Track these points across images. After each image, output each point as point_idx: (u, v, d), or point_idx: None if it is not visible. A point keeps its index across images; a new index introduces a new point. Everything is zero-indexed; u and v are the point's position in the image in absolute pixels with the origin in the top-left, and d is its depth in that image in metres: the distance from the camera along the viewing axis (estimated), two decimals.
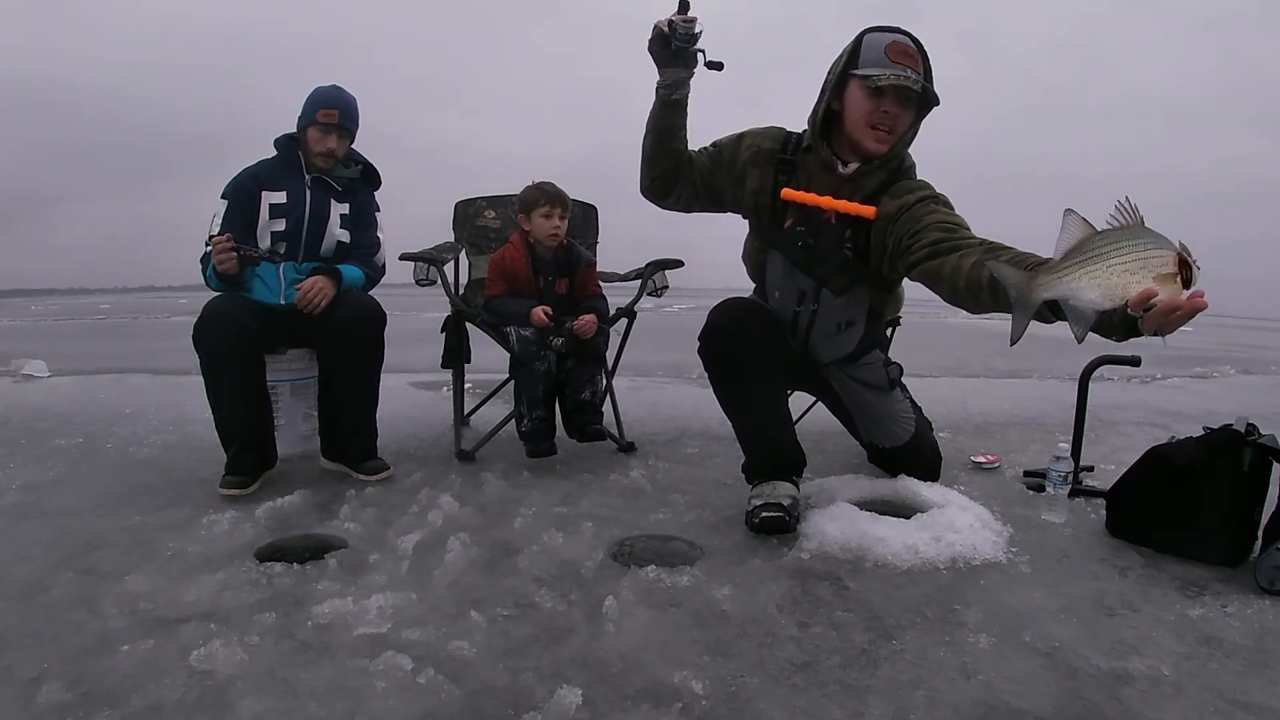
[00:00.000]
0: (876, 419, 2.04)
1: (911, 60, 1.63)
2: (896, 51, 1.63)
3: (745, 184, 1.83)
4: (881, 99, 1.64)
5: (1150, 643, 1.30)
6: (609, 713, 1.08)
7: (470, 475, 2.21)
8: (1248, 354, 8.65)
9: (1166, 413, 3.63)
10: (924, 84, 1.63)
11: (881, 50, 1.63)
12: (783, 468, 1.81)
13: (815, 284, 1.80)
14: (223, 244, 1.97)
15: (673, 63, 1.72)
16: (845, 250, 1.75)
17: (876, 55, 1.63)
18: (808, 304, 1.83)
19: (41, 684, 1.10)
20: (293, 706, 1.08)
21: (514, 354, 2.27)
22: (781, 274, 1.85)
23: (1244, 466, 1.64)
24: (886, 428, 2.04)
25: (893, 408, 2.03)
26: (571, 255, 2.44)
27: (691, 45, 1.69)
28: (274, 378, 2.22)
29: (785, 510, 1.70)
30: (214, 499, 1.94)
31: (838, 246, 1.74)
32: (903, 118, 1.68)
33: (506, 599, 1.42)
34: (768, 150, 1.81)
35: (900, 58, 1.62)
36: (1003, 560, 1.64)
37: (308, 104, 2.16)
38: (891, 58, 1.62)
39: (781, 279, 1.85)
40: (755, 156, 1.82)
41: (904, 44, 1.64)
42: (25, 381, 3.92)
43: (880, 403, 2.02)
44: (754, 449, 1.84)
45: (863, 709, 1.09)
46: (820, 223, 1.74)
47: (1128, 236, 1.09)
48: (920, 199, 1.66)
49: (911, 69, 1.63)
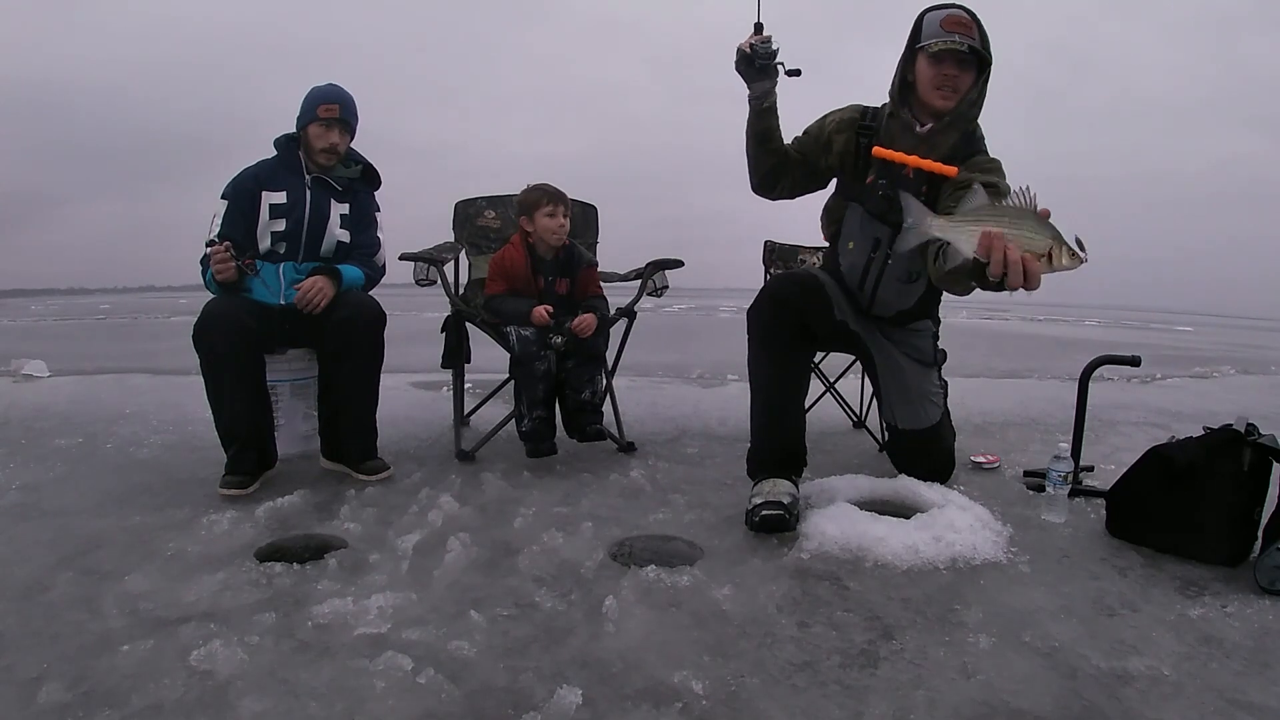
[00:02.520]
0: (906, 393, 2.07)
1: (964, 28, 1.82)
2: (950, 22, 1.83)
3: (833, 148, 2.01)
4: (941, 64, 1.83)
5: (1150, 643, 1.30)
6: (609, 713, 1.08)
7: (470, 475, 2.21)
8: (1248, 354, 8.65)
9: (1166, 413, 3.63)
10: (971, 44, 1.80)
11: (937, 24, 1.84)
12: (785, 463, 1.87)
13: (891, 231, 1.91)
14: (221, 254, 1.97)
15: (758, 78, 1.94)
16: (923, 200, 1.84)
17: (934, 29, 1.84)
18: (882, 250, 1.97)
19: (41, 684, 1.10)
20: (293, 706, 1.08)
21: (514, 354, 2.27)
22: (858, 225, 2.00)
23: (1244, 466, 1.64)
24: (914, 405, 2.07)
25: (925, 386, 2.08)
26: (572, 255, 2.44)
27: (772, 60, 1.92)
28: (274, 378, 2.22)
29: (785, 509, 1.73)
30: (214, 499, 1.94)
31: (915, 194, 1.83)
32: (962, 78, 1.85)
33: (506, 599, 1.42)
34: (849, 119, 2.01)
35: (954, 27, 1.82)
36: (1003, 560, 1.64)
37: (307, 102, 2.17)
38: (946, 28, 1.82)
39: (858, 230, 2.01)
40: (839, 125, 2.01)
41: (957, 15, 1.84)
42: (25, 381, 3.92)
43: (916, 376, 2.08)
44: (763, 434, 1.92)
45: (863, 709, 1.09)
46: (900, 176, 1.90)
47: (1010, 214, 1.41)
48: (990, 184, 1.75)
49: (964, 35, 1.81)
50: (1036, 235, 1.38)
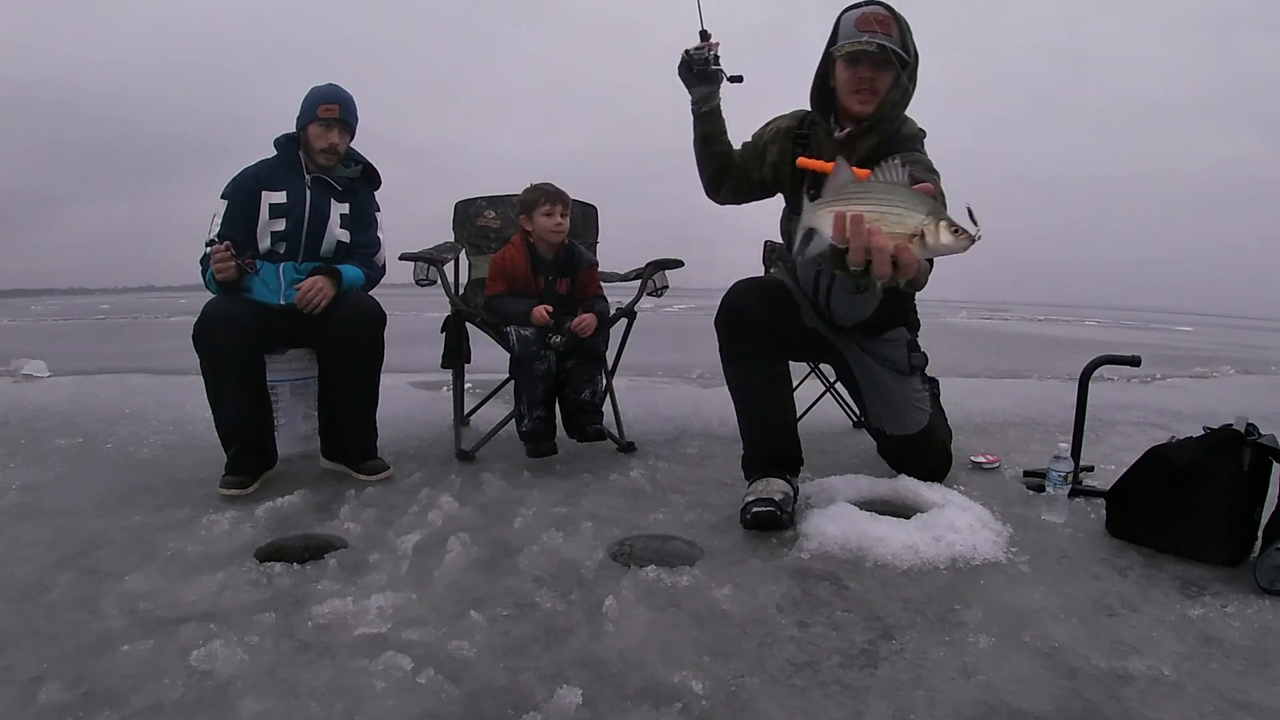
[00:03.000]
0: (888, 401, 2.03)
1: (880, 25, 1.74)
2: (865, 21, 1.76)
3: (766, 159, 1.99)
4: (857, 66, 1.76)
5: (1150, 643, 1.30)
6: (609, 713, 1.08)
7: (470, 475, 2.21)
8: (1248, 354, 8.65)
9: (1166, 413, 3.63)
10: (881, 43, 1.73)
11: (852, 24, 1.77)
12: (778, 463, 1.88)
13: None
14: (221, 253, 1.97)
15: (697, 83, 1.97)
16: None
17: (849, 29, 1.77)
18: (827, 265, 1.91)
19: (41, 684, 1.10)
20: (293, 706, 1.08)
21: (514, 354, 2.27)
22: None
23: (1244, 466, 1.64)
24: (897, 413, 2.03)
25: (907, 393, 2.03)
26: (572, 255, 2.45)
27: (710, 66, 1.94)
28: (274, 378, 2.22)
29: (777, 505, 1.74)
30: (214, 499, 1.94)
31: None
32: (880, 78, 1.77)
33: (506, 599, 1.42)
34: (786, 127, 1.98)
35: (869, 25, 1.75)
36: (1003, 560, 1.64)
37: (306, 102, 2.17)
38: (860, 28, 1.75)
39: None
40: (775, 135, 1.99)
41: (873, 13, 1.76)
42: (25, 381, 3.92)
43: (895, 385, 2.02)
44: (752, 441, 1.92)
45: (863, 709, 1.09)
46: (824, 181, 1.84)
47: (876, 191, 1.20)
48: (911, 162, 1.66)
49: (880, 33, 1.74)
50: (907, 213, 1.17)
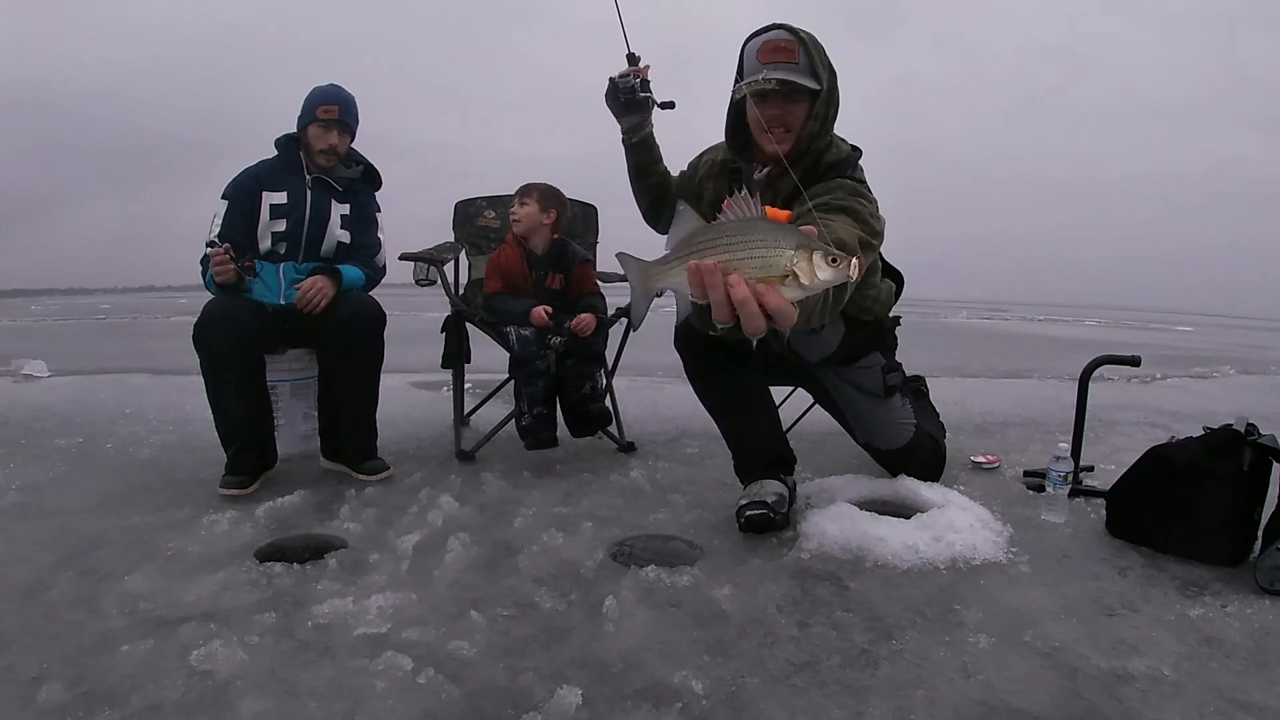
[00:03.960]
0: (871, 423, 2.00)
1: (784, 54, 1.59)
2: (767, 51, 1.60)
3: (704, 198, 1.82)
4: (765, 103, 1.60)
5: (1150, 643, 1.30)
6: (609, 713, 1.08)
7: (470, 475, 2.21)
8: (1248, 354, 8.65)
9: (1166, 413, 3.63)
10: (782, 78, 1.56)
11: (754, 56, 1.61)
12: (769, 465, 1.86)
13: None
14: (221, 256, 1.97)
15: (625, 112, 1.82)
16: None
17: (751, 62, 1.62)
18: None
19: (41, 684, 1.10)
20: (293, 706, 1.08)
21: (514, 353, 2.28)
22: None
23: (1244, 466, 1.64)
24: (881, 432, 2.00)
25: (888, 415, 1.97)
26: (565, 251, 2.46)
27: (638, 94, 1.79)
28: (274, 378, 2.22)
29: (770, 508, 1.73)
30: (214, 499, 1.94)
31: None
32: (792, 112, 1.61)
33: (506, 599, 1.42)
34: (721, 161, 1.82)
35: (772, 55, 1.59)
36: (1003, 560, 1.64)
37: (307, 102, 2.17)
38: (763, 60, 1.60)
39: None
40: (710, 169, 1.84)
41: (774, 40, 1.60)
42: (25, 381, 3.92)
43: (874, 408, 1.96)
44: (739, 449, 1.91)
45: (863, 709, 1.09)
46: None
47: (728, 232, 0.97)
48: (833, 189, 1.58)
49: (784, 62, 1.59)
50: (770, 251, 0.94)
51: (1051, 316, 19.65)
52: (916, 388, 2.13)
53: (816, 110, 1.62)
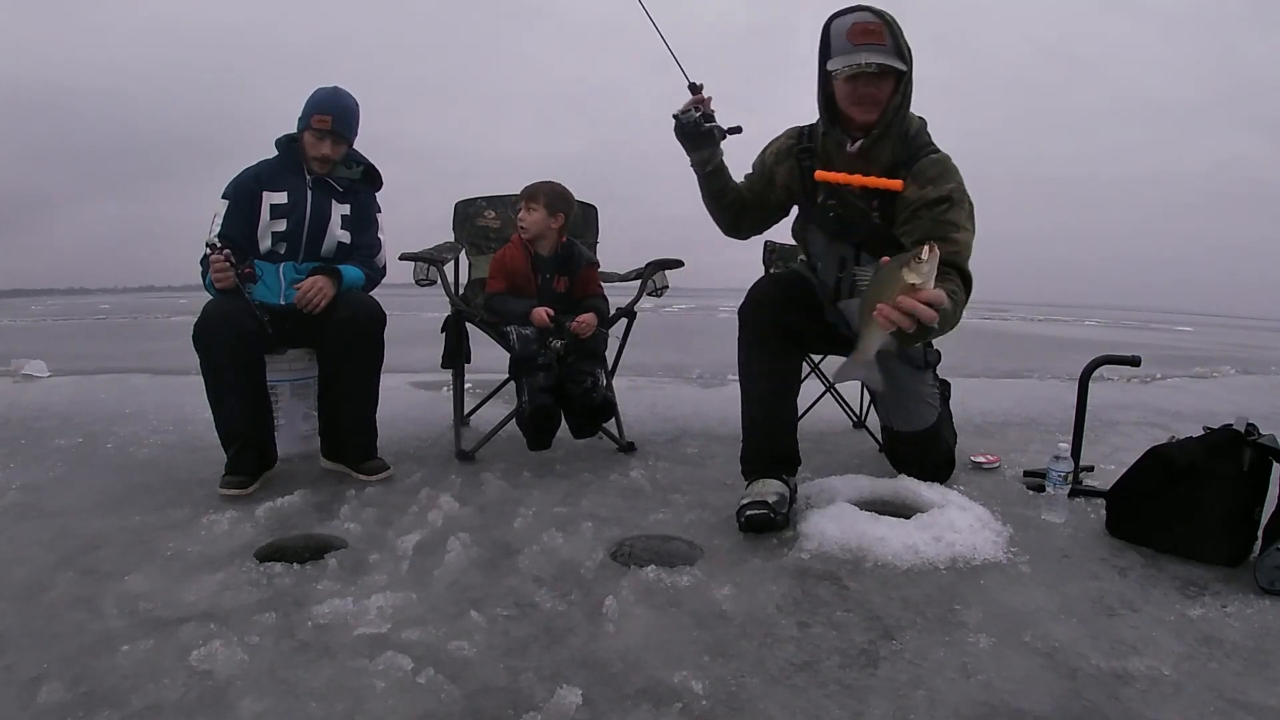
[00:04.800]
0: (901, 396, 2.04)
1: (873, 35, 1.70)
2: (857, 33, 1.70)
3: (776, 181, 1.98)
4: (855, 82, 1.74)
5: (1150, 643, 1.30)
6: (609, 713, 1.08)
7: (470, 475, 2.21)
8: (1248, 354, 8.65)
9: (1166, 413, 3.63)
10: (879, 62, 1.69)
11: (844, 36, 1.71)
12: (775, 462, 1.90)
13: (854, 250, 1.90)
14: (221, 263, 1.97)
15: (696, 146, 1.91)
16: (873, 217, 1.85)
17: (841, 42, 1.72)
18: (849, 270, 1.92)
19: (41, 684, 1.10)
20: (293, 706, 1.08)
21: (514, 353, 2.27)
22: (822, 246, 1.97)
23: (1244, 466, 1.64)
24: (909, 407, 2.05)
25: (920, 387, 2.04)
26: (571, 253, 2.45)
27: (702, 128, 1.86)
28: (274, 378, 2.22)
29: (770, 508, 1.75)
30: (214, 499, 1.94)
31: (864, 214, 1.86)
32: (880, 89, 1.75)
33: (506, 599, 1.42)
34: (787, 147, 1.97)
35: (861, 38, 1.70)
36: (1003, 560, 1.64)
37: (306, 106, 2.16)
38: (854, 41, 1.70)
39: (823, 250, 1.98)
40: (778, 155, 1.98)
41: (863, 23, 1.70)
42: (25, 381, 3.92)
43: (908, 379, 2.02)
44: (750, 436, 1.95)
45: (863, 709, 1.09)
46: (845, 194, 1.86)
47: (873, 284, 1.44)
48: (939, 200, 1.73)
49: (875, 44, 1.70)
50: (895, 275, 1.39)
51: (1051, 316, 19.66)
52: (944, 393, 2.19)
53: (902, 86, 1.76)
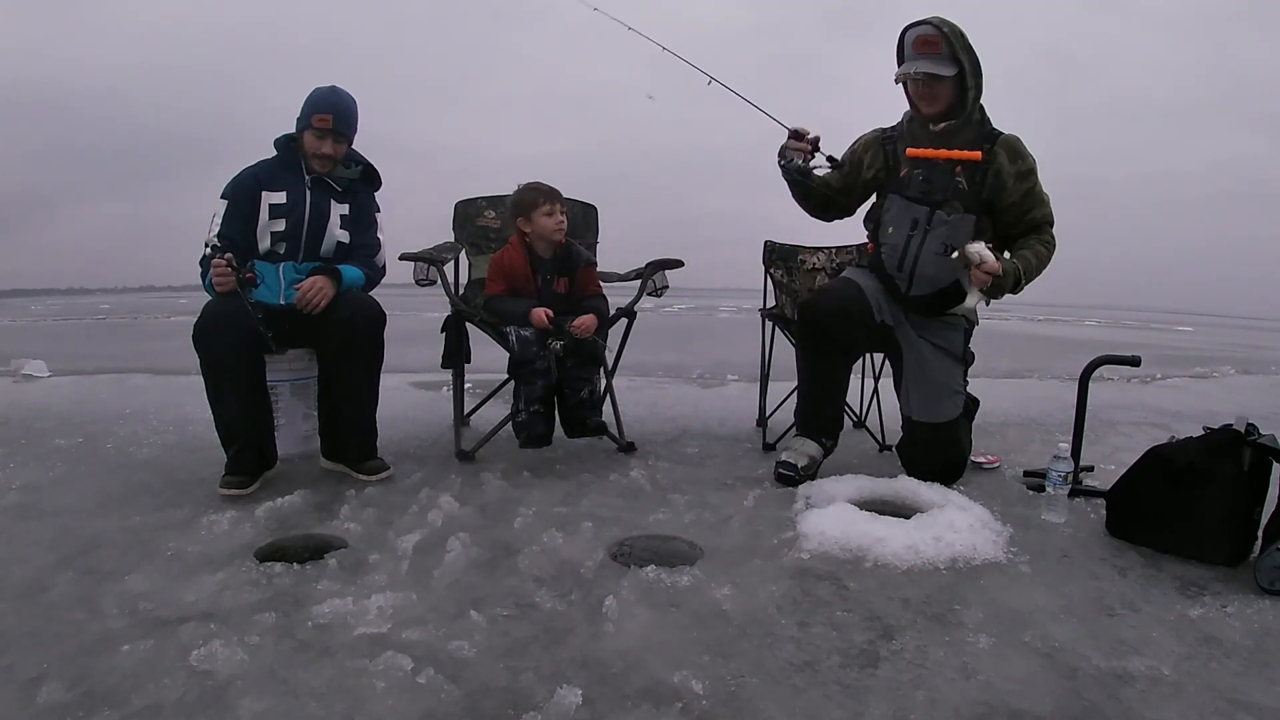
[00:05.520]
0: (931, 384, 2.14)
1: (931, 46, 2.01)
2: (919, 44, 2.02)
3: (865, 164, 2.24)
4: (917, 84, 2.07)
5: (1150, 643, 1.30)
6: (609, 713, 1.08)
7: (470, 475, 2.21)
8: (1248, 354, 8.65)
9: (1166, 413, 3.63)
10: (926, 71, 2.01)
11: (911, 46, 2.03)
12: (817, 429, 2.23)
13: (929, 210, 2.12)
14: (222, 267, 1.97)
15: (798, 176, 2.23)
16: (957, 180, 2.11)
17: (908, 51, 2.05)
18: (920, 229, 2.13)
19: (41, 684, 1.10)
20: (293, 706, 1.08)
21: (514, 354, 2.27)
22: (898, 210, 2.18)
23: (1244, 466, 1.64)
24: (934, 397, 2.14)
25: (949, 379, 2.17)
26: (570, 254, 2.44)
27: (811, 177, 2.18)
28: (274, 378, 2.21)
29: (797, 471, 2.12)
30: (214, 499, 1.94)
31: (950, 176, 2.11)
32: (939, 89, 2.05)
33: (506, 599, 1.42)
34: (874, 138, 2.25)
35: (922, 48, 2.02)
36: (1003, 560, 1.64)
37: (306, 106, 2.16)
38: (916, 50, 2.02)
39: (898, 215, 2.18)
40: (866, 145, 2.25)
41: (924, 35, 2.01)
42: (25, 381, 3.92)
43: (942, 367, 2.16)
44: (803, 406, 2.28)
45: (863, 709, 1.09)
46: (932, 163, 2.12)
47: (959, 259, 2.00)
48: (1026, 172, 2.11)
49: (931, 54, 2.01)
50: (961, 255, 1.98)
51: (1051, 316, 19.66)
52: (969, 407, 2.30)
53: (967, 81, 2.04)
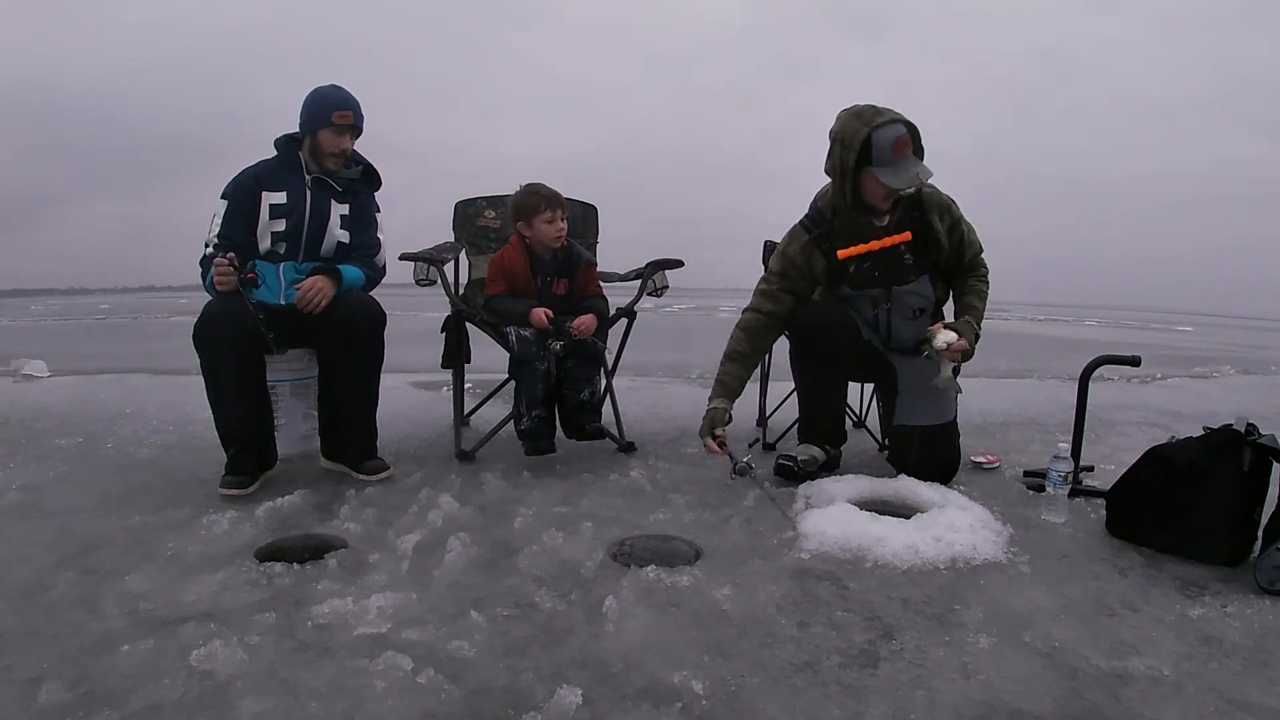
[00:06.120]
0: (931, 390, 2.14)
1: (910, 147, 1.97)
2: (900, 146, 1.95)
3: (811, 267, 2.19)
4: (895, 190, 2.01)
5: (1150, 643, 1.30)
6: (609, 713, 1.08)
7: (470, 475, 2.21)
8: (1248, 354, 8.65)
9: (1166, 413, 3.63)
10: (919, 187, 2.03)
11: (889, 149, 1.95)
12: (818, 435, 2.30)
13: (883, 290, 2.18)
14: (224, 266, 1.97)
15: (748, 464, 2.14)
16: (905, 258, 2.16)
17: (886, 154, 1.95)
18: (882, 304, 2.21)
19: (41, 684, 1.10)
20: (293, 706, 1.08)
21: (514, 354, 2.27)
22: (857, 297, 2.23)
23: (1244, 466, 1.64)
24: (933, 400, 2.16)
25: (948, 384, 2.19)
26: (571, 255, 2.44)
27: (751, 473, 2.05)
28: (274, 378, 2.22)
29: (797, 463, 2.18)
30: (214, 499, 1.94)
31: (898, 258, 2.15)
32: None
33: (506, 599, 1.42)
34: (806, 241, 2.19)
35: (903, 149, 1.96)
36: (1003, 560, 1.64)
37: (318, 105, 2.14)
38: (897, 154, 1.95)
39: (858, 299, 2.23)
40: (802, 250, 2.19)
41: (903, 138, 1.96)
42: (25, 381, 3.93)
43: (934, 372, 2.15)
44: (803, 417, 2.37)
45: (863, 709, 1.09)
46: (880, 254, 2.12)
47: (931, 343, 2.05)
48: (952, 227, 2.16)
49: (912, 155, 1.98)
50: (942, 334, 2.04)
51: (1051, 316, 19.65)
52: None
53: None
